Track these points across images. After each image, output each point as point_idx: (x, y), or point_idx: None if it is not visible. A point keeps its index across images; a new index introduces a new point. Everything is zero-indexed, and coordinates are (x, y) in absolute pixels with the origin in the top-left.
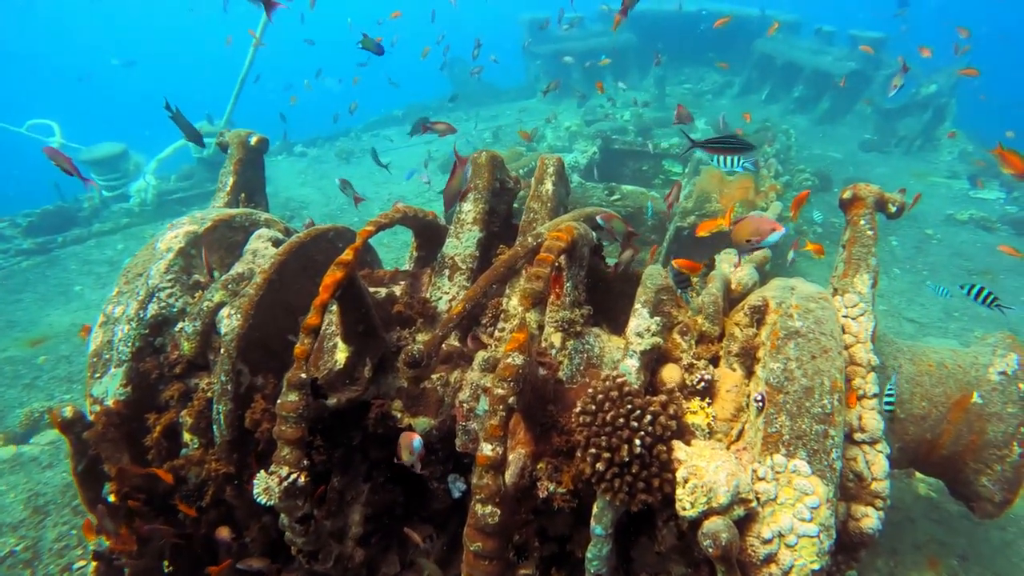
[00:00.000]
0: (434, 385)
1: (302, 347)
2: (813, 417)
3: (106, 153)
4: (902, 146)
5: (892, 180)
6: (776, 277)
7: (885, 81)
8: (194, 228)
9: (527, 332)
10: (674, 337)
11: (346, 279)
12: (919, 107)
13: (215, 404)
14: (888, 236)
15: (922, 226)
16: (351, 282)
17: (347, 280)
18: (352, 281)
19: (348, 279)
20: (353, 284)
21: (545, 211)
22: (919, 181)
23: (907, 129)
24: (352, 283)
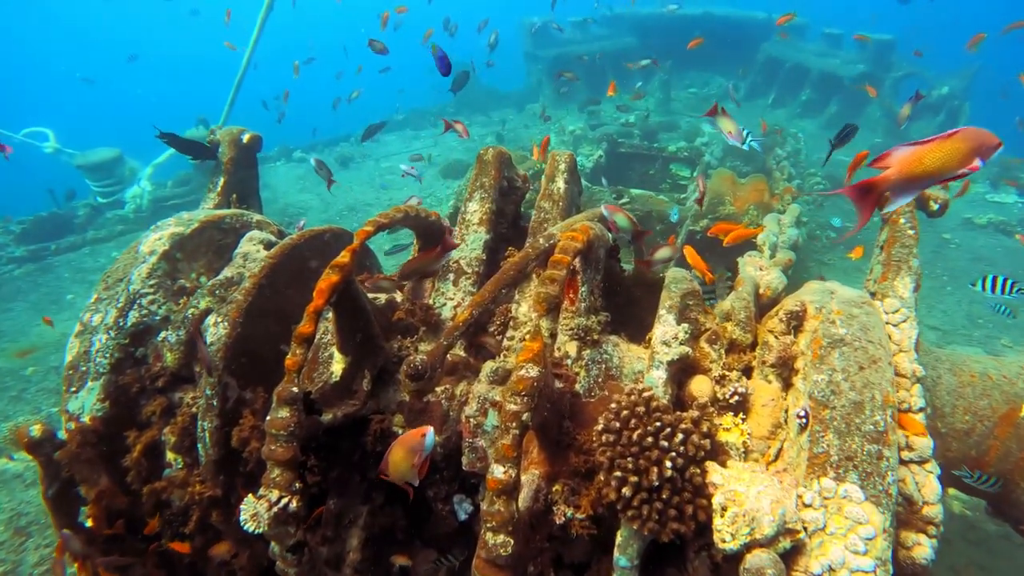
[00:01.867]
0: (438, 398)
1: (294, 358)
2: (864, 436)
3: (101, 158)
4: None
5: None
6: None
7: (894, 84)
8: (180, 230)
9: (542, 341)
10: (702, 346)
11: (342, 283)
12: (931, 110)
13: (199, 420)
14: None
15: (939, 230)
16: (348, 287)
17: (343, 284)
18: (349, 286)
19: (344, 283)
20: (350, 289)
21: (557, 211)
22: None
23: (919, 133)
24: (349, 288)
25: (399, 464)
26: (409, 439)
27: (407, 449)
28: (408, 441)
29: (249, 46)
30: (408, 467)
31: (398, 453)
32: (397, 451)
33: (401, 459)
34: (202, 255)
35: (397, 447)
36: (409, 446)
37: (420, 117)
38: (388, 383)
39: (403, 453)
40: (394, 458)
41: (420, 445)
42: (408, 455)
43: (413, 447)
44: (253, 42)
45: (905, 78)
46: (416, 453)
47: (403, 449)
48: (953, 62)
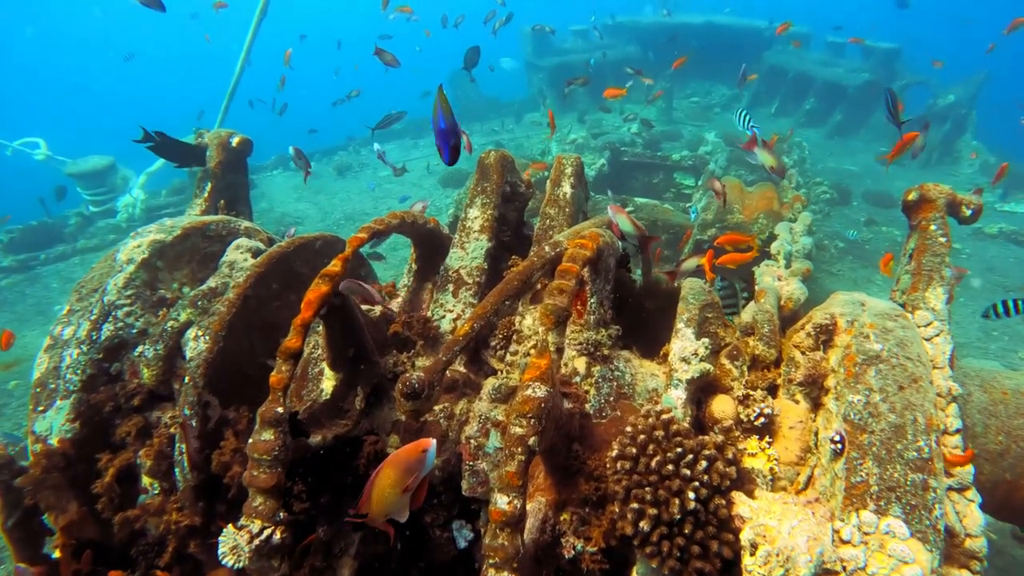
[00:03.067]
0: (436, 418)
1: (279, 375)
2: (907, 463)
3: (93, 166)
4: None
5: None
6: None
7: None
8: (161, 237)
9: (549, 357)
10: (722, 362)
11: (332, 294)
12: (937, 118)
13: (177, 442)
14: None
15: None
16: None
17: (333, 295)
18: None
19: (335, 294)
20: (342, 300)
21: (563, 217)
22: None
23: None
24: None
25: (385, 493)
26: (404, 457)
27: (400, 470)
28: (402, 460)
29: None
30: (396, 497)
31: (387, 477)
32: (386, 475)
33: (389, 486)
34: (185, 264)
35: (387, 469)
36: (403, 466)
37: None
38: (383, 401)
39: (394, 476)
40: (380, 485)
41: (418, 464)
42: (400, 477)
43: (408, 467)
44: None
45: (910, 86)
46: (411, 474)
47: (395, 471)
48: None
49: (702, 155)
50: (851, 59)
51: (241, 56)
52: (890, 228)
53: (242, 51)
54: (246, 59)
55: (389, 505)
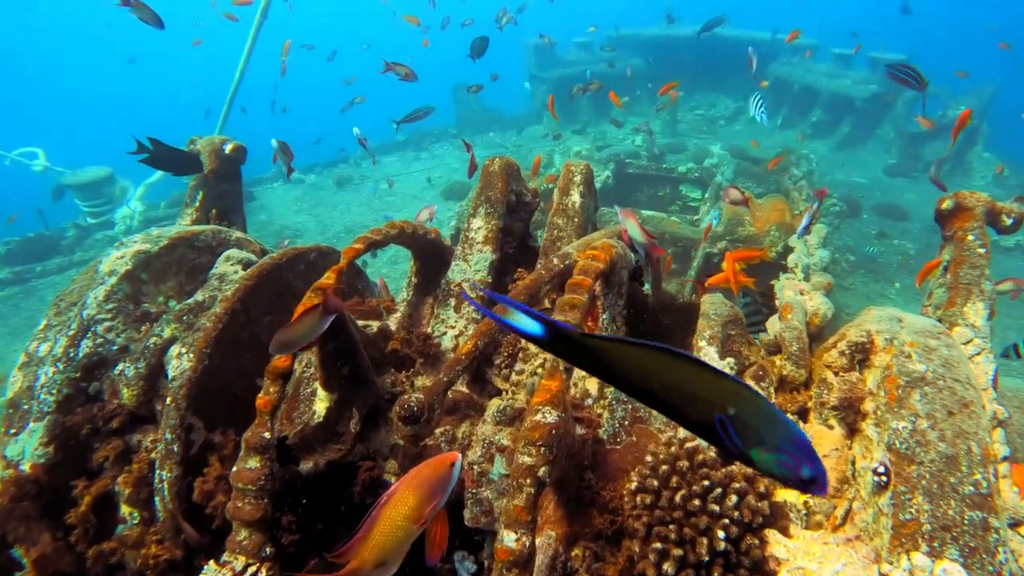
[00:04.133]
0: (437, 442)
1: (267, 397)
2: (963, 499)
3: (91, 177)
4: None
5: (924, 206)
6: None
7: (908, 104)
8: (146, 248)
9: (560, 379)
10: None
11: None
12: (946, 130)
13: (157, 469)
14: None
15: None
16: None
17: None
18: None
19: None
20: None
21: (572, 228)
22: None
23: (934, 153)
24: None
25: (395, 525)
26: (429, 474)
27: (422, 493)
28: (426, 479)
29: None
30: (405, 534)
31: (403, 503)
32: (403, 499)
33: (403, 516)
34: (172, 276)
35: (404, 492)
36: (427, 487)
37: (422, 137)
38: (380, 424)
39: (413, 501)
40: (391, 516)
41: (442, 484)
42: (420, 502)
43: (433, 488)
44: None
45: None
46: (434, 498)
47: (415, 494)
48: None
49: (708, 167)
50: (858, 70)
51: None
52: (902, 241)
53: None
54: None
55: (394, 546)
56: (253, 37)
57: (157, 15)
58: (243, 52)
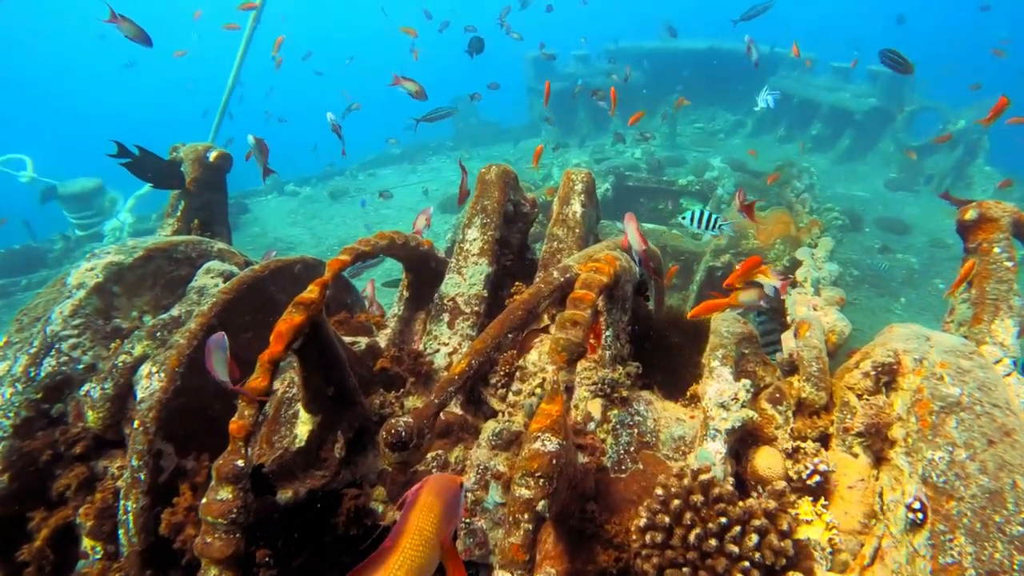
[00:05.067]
0: (428, 467)
1: (241, 422)
2: (1011, 541)
3: (80, 188)
4: (932, 184)
5: (926, 219)
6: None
7: (908, 118)
8: (120, 259)
9: (561, 403)
10: (763, 407)
11: (307, 324)
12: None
13: (122, 499)
14: (932, 278)
15: None
16: (316, 329)
17: (310, 326)
18: (318, 328)
19: (312, 325)
20: (319, 332)
21: (573, 239)
22: None
23: (935, 167)
24: (318, 330)
25: (425, 537)
26: (446, 485)
27: (443, 504)
28: (444, 488)
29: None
30: (432, 551)
31: (427, 511)
32: (427, 506)
33: (431, 526)
34: (147, 289)
35: (428, 497)
36: (447, 500)
37: (418, 150)
38: (367, 448)
39: (438, 508)
40: (418, 524)
41: (457, 503)
42: (444, 514)
43: (453, 499)
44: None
45: (919, 112)
46: (454, 516)
47: (438, 503)
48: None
49: (709, 180)
50: (857, 84)
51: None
52: (906, 255)
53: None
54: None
55: (426, 562)
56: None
57: (145, 33)
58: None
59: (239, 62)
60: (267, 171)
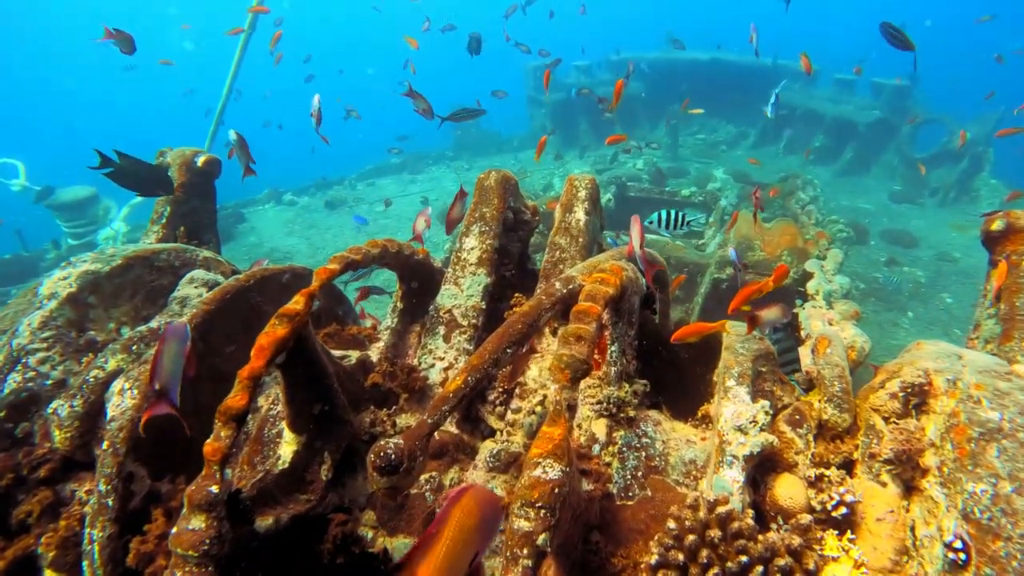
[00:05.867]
0: (421, 491)
1: (217, 444)
2: None
3: (74, 197)
4: (937, 197)
5: (932, 232)
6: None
7: (912, 130)
8: (96, 267)
9: (564, 425)
10: (782, 430)
11: (292, 338)
12: (952, 156)
13: (87, 527)
14: (940, 292)
15: (976, 281)
16: (301, 342)
17: (294, 339)
18: (303, 341)
19: (296, 338)
20: (305, 345)
21: (576, 248)
22: (963, 234)
23: (939, 180)
24: (303, 344)
25: (457, 553)
26: (484, 498)
27: (480, 519)
28: (483, 500)
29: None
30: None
31: (467, 518)
32: (467, 510)
33: (464, 541)
34: (126, 300)
35: (468, 500)
36: (487, 515)
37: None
38: (357, 469)
39: (473, 521)
40: (456, 533)
41: (496, 518)
42: (483, 529)
43: (493, 516)
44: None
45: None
46: (492, 532)
47: (476, 515)
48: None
49: (712, 191)
50: (861, 96)
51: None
52: (912, 268)
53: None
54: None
55: (463, 560)
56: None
57: (132, 42)
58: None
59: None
60: (248, 170)
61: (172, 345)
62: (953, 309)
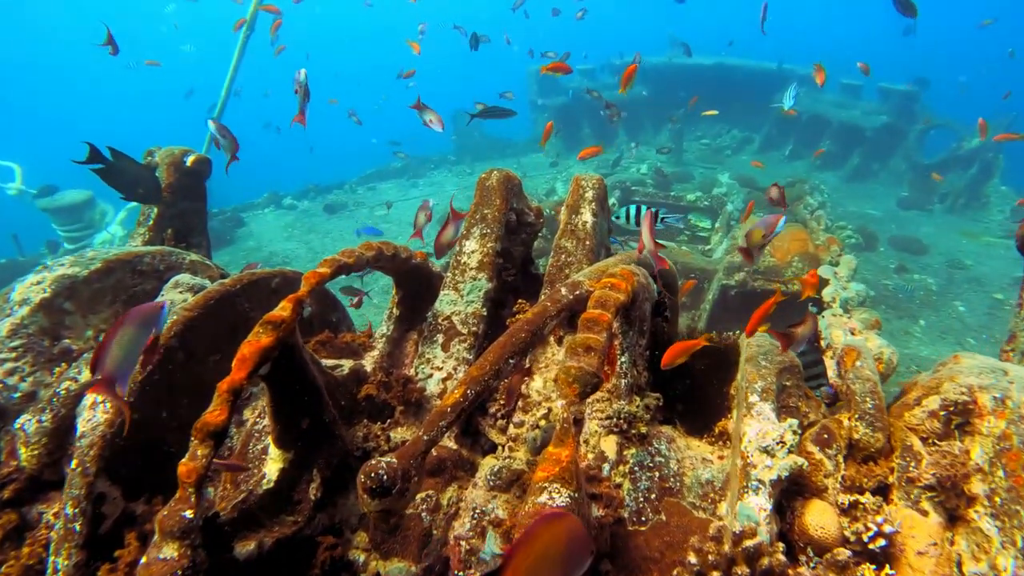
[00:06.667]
0: (417, 511)
1: (192, 464)
2: None
3: (69, 201)
4: (946, 203)
5: (941, 239)
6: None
7: (920, 135)
8: (74, 271)
9: (572, 447)
10: (808, 449)
11: (276, 347)
12: (961, 162)
13: (51, 555)
14: (952, 300)
15: (989, 289)
16: (288, 352)
17: (279, 348)
18: (290, 350)
19: (282, 347)
20: (291, 355)
21: (583, 251)
22: (972, 241)
23: (949, 186)
24: (290, 353)
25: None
26: (573, 530)
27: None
28: (572, 532)
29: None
30: None
31: (561, 539)
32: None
33: None
34: (106, 306)
35: (547, 534)
36: (571, 548)
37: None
38: (349, 487)
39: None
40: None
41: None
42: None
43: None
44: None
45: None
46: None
47: (562, 547)
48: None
49: (718, 196)
50: (868, 100)
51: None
52: (923, 276)
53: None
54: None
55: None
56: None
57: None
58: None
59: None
60: (234, 158)
61: (129, 329)
62: (966, 318)
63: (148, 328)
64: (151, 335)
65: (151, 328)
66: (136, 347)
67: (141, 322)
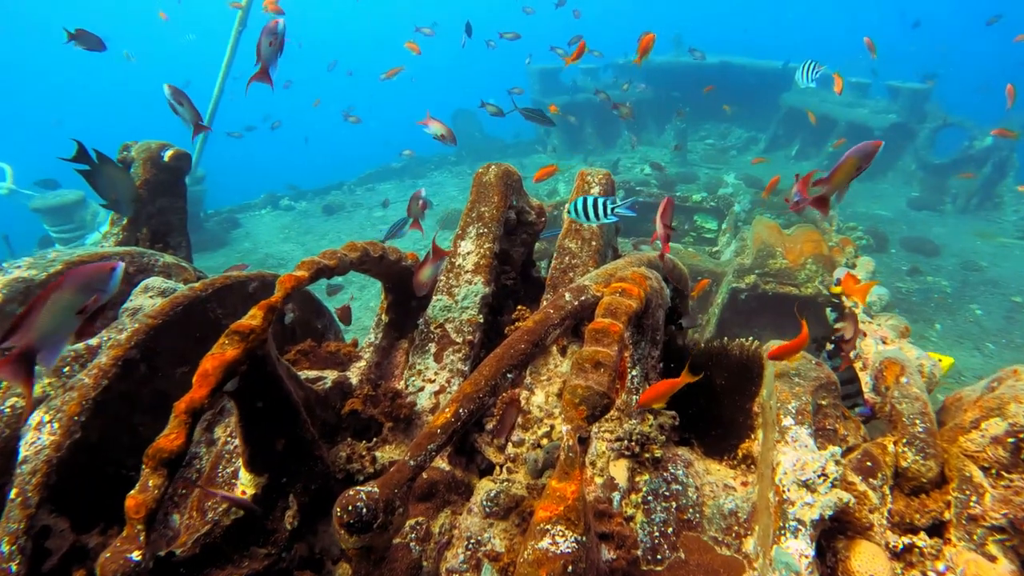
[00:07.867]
0: (406, 539)
1: (141, 496)
2: None
3: (61, 201)
4: (958, 203)
5: (954, 240)
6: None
7: (930, 135)
8: (30, 274)
9: (579, 481)
10: (850, 479)
11: (244, 359)
12: (973, 162)
13: None
14: (968, 304)
15: (1006, 292)
16: (258, 364)
17: (248, 361)
18: (260, 363)
19: (251, 360)
20: (263, 369)
21: (588, 253)
22: (986, 242)
23: (961, 186)
24: (261, 367)
25: None
26: None
27: None
28: None
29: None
30: None
31: None
32: None
33: None
34: None
35: None
36: None
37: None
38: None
39: None
40: None
41: None
42: None
43: None
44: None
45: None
46: None
47: None
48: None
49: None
50: (876, 99)
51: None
52: (936, 278)
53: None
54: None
55: None
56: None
57: (100, 40)
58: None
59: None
60: (199, 127)
61: (66, 294)
62: (983, 321)
63: (89, 294)
64: (93, 299)
65: (93, 294)
66: (71, 316)
67: (82, 286)
